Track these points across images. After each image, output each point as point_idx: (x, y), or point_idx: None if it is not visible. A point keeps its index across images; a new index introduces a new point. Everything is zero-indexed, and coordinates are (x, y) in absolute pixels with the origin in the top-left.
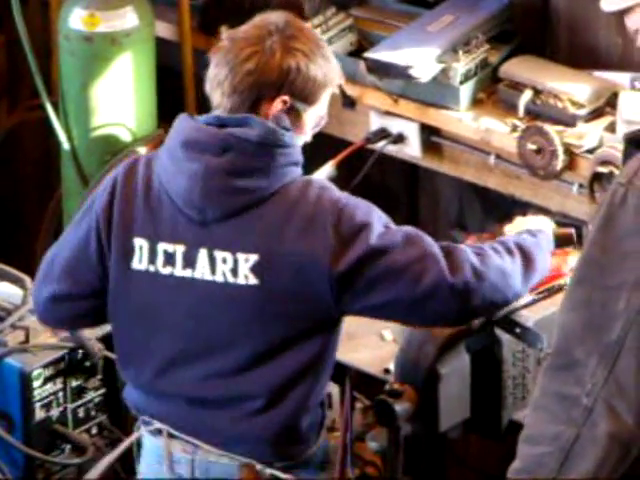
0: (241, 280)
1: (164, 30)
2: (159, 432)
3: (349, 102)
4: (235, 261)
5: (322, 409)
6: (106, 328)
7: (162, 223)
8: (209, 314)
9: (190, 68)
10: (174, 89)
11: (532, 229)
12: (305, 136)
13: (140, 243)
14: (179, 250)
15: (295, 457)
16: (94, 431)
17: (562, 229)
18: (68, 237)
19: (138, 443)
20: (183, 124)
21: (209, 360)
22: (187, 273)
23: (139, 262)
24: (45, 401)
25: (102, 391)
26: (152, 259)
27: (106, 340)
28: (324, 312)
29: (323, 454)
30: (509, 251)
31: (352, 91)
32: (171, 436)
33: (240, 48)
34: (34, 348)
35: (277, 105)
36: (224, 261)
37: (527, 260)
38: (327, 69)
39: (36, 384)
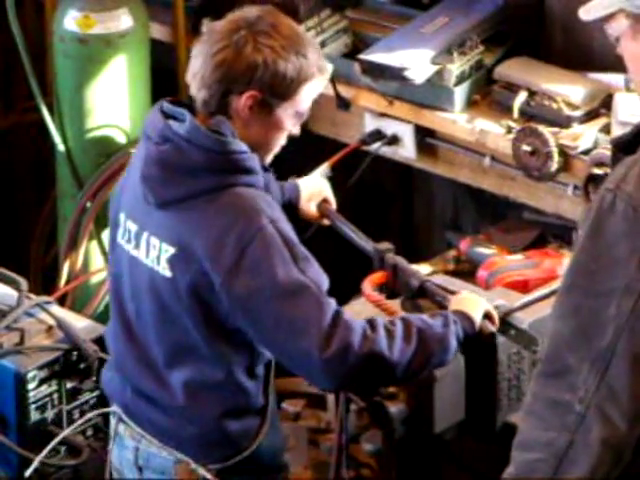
0: (161, 270)
1: (159, 32)
2: (114, 414)
3: (344, 104)
4: (160, 249)
5: (261, 418)
6: (101, 329)
7: (131, 201)
8: (143, 299)
9: (185, 70)
10: (169, 91)
11: (454, 315)
12: (284, 132)
13: (122, 217)
14: (133, 229)
15: (225, 460)
16: (89, 433)
17: (487, 326)
18: None
19: None
20: (152, 110)
21: (144, 348)
22: (135, 253)
23: (119, 236)
24: (40, 403)
25: (97, 392)
26: (123, 234)
27: (100, 342)
28: (229, 320)
29: (262, 462)
30: (406, 338)
31: (347, 92)
32: (121, 420)
33: (213, 41)
34: (29, 350)
35: (246, 100)
36: (154, 247)
37: (420, 352)
38: (301, 65)
39: (31, 386)
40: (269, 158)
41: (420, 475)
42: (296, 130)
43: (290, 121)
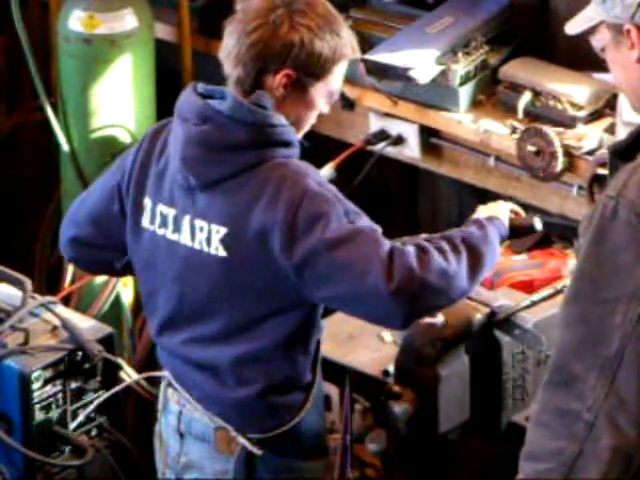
0: (213, 250)
1: (163, 32)
2: (164, 379)
3: (348, 104)
4: (209, 231)
5: (305, 395)
6: (106, 329)
7: (164, 186)
8: (191, 280)
9: (189, 70)
10: (173, 91)
11: (484, 218)
12: (315, 111)
13: (147, 202)
14: (171, 214)
15: (265, 431)
16: (94, 433)
17: (521, 218)
18: (98, 185)
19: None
20: (183, 93)
21: (192, 324)
22: (175, 237)
23: (146, 220)
24: (45, 403)
25: (102, 393)
26: (152, 219)
27: (106, 342)
28: (291, 291)
29: (304, 438)
30: (455, 250)
31: (351, 93)
32: (170, 385)
33: (248, 20)
34: (34, 350)
35: (281, 78)
36: (201, 230)
37: (474, 258)
38: (336, 44)
39: (36, 386)
40: (301, 135)
41: (424, 475)
42: (325, 109)
43: (322, 100)
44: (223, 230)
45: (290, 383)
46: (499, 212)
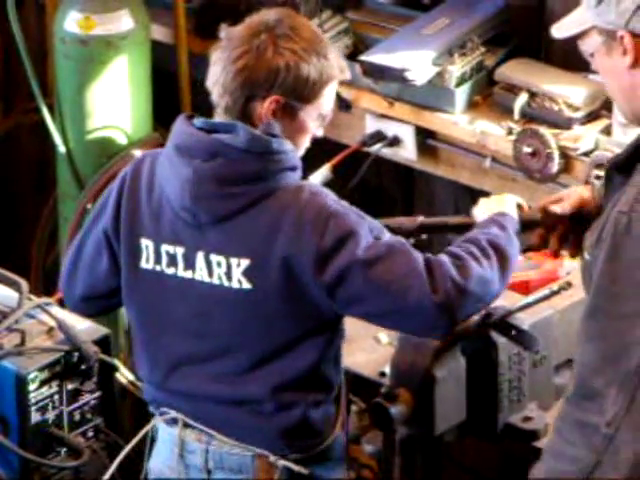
0: (235, 284)
1: (160, 33)
2: (174, 421)
3: (345, 105)
4: (228, 265)
5: (335, 404)
6: (102, 331)
7: (163, 224)
8: (211, 315)
9: (186, 71)
10: (170, 92)
11: (500, 217)
12: (308, 134)
13: (146, 243)
14: (179, 252)
15: (309, 450)
16: (90, 434)
17: (527, 212)
18: (87, 236)
19: (152, 439)
20: (178, 127)
21: (214, 361)
22: (188, 274)
23: (146, 262)
24: (41, 404)
25: (98, 394)
26: (157, 259)
27: (102, 343)
28: (321, 313)
29: (339, 450)
30: (485, 254)
31: (348, 94)
32: (186, 425)
33: (232, 47)
34: (30, 351)
35: (269, 105)
36: (219, 265)
37: (503, 260)
38: (323, 66)
39: (32, 387)
40: None
41: (421, 476)
42: (319, 132)
43: (314, 123)
44: (245, 262)
45: (325, 398)
46: (507, 207)
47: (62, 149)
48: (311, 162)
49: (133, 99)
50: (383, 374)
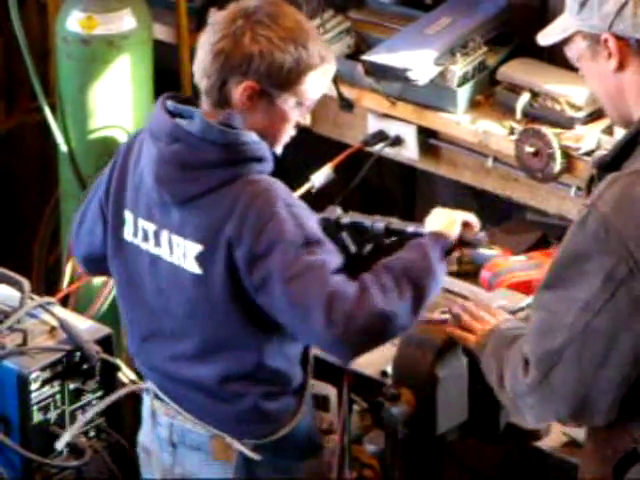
0: (189, 267)
1: (162, 32)
2: (148, 392)
3: (347, 105)
4: (185, 247)
5: (299, 398)
6: (104, 330)
7: (141, 200)
8: (171, 294)
9: (187, 70)
10: (172, 91)
11: (428, 239)
12: (288, 122)
13: (128, 215)
14: (151, 228)
15: (264, 437)
16: (92, 434)
17: (471, 233)
18: (89, 203)
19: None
20: (155, 108)
21: (173, 341)
22: (157, 251)
23: (128, 234)
24: (43, 404)
25: (100, 394)
26: (135, 233)
27: (104, 343)
28: (259, 311)
29: (301, 440)
30: (398, 285)
31: (350, 94)
32: (157, 398)
33: (214, 31)
34: (32, 351)
35: (243, 90)
36: (178, 246)
37: (416, 292)
38: (300, 55)
39: (34, 387)
40: (279, 148)
41: (422, 476)
42: (303, 120)
43: (294, 112)
44: (198, 248)
45: (281, 390)
46: (450, 225)
47: (64, 148)
48: (313, 162)
49: (135, 98)
50: (385, 374)
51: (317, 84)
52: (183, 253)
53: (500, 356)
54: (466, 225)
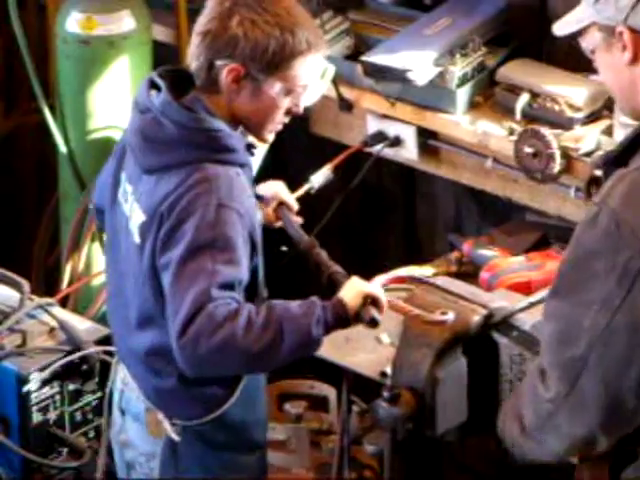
0: (134, 235)
1: (161, 33)
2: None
3: (346, 105)
4: (137, 215)
5: (229, 389)
6: (103, 331)
7: (129, 163)
8: (127, 259)
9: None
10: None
11: (330, 307)
12: (277, 109)
13: (123, 176)
14: (129, 191)
15: (188, 419)
16: (91, 434)
17: (369, 311)
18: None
19: None
20: (145, 77)
21: (123, 307)
22: (128, 214)
23: (119, 194)
24: (42, 404)
25: (99, 394)
26: (123, 194)
27: (103, 343)
28: None
29: (230, 431)
30: (264, 327)
31: (349, 94)
32: (118, 363)
33: (205, 14)
34: (31, 351)
35: (229, 72)
36: (134, 212)
37: (275, 341)
38: (286, 40)
39: (33, 387)
40: (269, 135)
41: (422, 476)
42: (297, 108)
43: (283, 99)
44: (143, 217)
45: (201, 378)
46: (350, 296)
47: (63, 149)
48: (312, 162)
49: None
50: (384, 374)
51: (306, 71)
52: (135, 221)
53: (511, 402)
54: (374, 302)
